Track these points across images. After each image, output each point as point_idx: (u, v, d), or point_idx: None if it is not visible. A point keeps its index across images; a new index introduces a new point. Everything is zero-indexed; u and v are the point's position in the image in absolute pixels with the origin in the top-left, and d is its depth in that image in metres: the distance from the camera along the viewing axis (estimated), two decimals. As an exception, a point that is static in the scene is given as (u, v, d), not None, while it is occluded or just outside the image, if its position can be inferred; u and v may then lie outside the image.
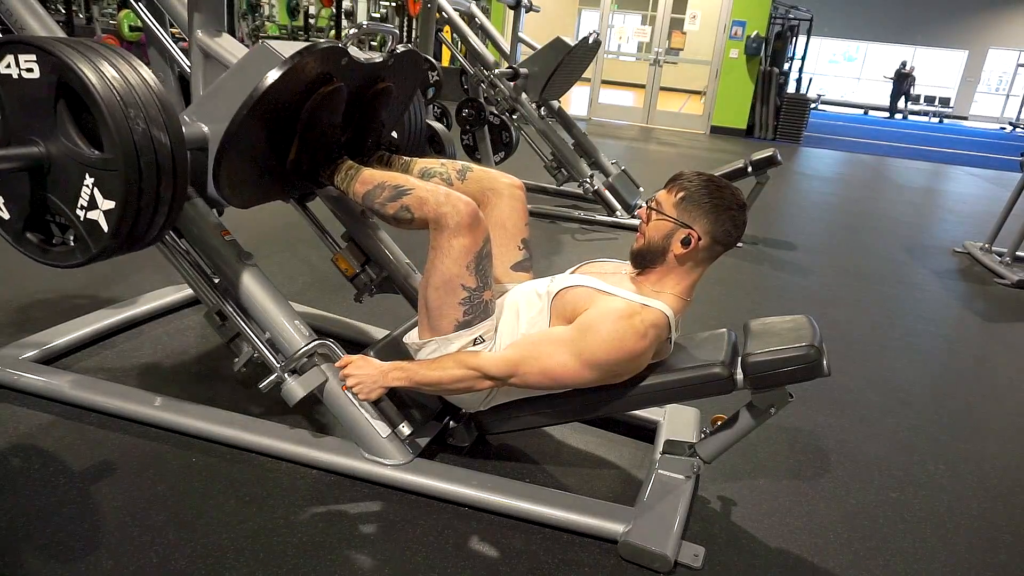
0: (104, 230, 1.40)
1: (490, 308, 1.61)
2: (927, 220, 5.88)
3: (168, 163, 1.40)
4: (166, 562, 1.35)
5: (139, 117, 1.34)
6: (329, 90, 1.63)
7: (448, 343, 1.59)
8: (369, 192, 1.64)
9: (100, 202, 1.38)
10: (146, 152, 1.35)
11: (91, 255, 1.44)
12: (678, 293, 1.53)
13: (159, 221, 1.46)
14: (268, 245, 3.28)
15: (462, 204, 1.52)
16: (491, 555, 1.47)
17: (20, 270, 2.62)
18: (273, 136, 1.65)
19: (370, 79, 1.79)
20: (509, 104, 4.46)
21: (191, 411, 1.77)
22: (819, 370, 1.39)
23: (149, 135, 1.35)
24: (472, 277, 1.55)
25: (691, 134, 9.91)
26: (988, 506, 1.83)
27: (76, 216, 1.41)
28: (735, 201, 1.50)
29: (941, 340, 3.08)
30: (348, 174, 1.70)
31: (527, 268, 1.80)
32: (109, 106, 1.30)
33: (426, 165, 1.83)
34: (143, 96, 1.36)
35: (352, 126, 1.81)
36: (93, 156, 1.35)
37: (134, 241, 1.47)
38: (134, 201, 1.37)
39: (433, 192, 1.55)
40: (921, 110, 18.32)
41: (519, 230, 1.78)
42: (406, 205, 1.56)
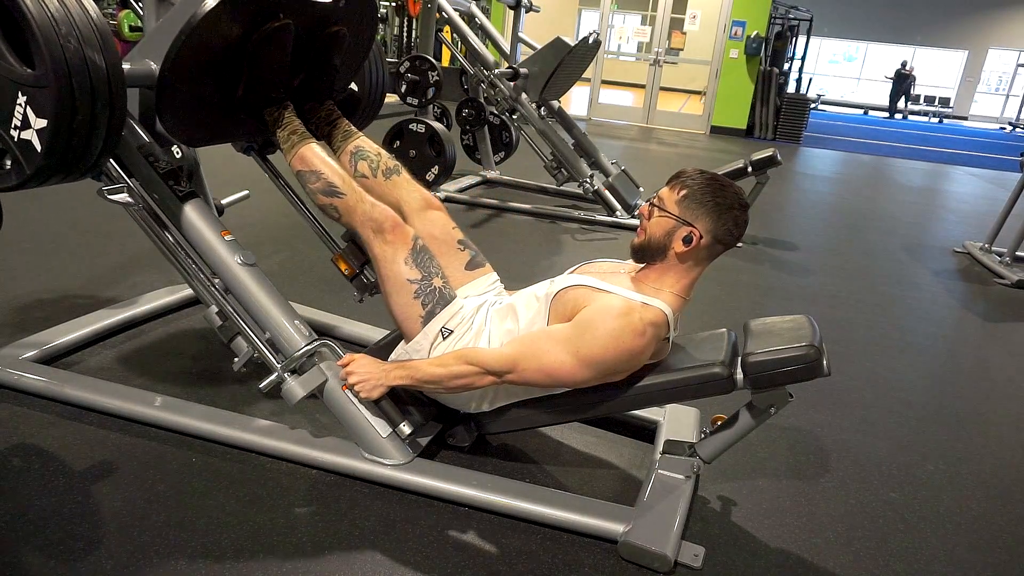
0: (37, 149, 1.39)
1: (445, 294, 1.66)
2: (927, 220, 5.88)
3: (103, 85, 1.39)
4: (166, 562, 1.35)
5: (71, 35, 1.33)
6: (276, 25, 1.64)
7: (425, 339, 1.64)
8: (304, 173, 1.72)
9: (33, 121, 1.37)
10: (79, 72, 1.35)
11: (26, 176, 1.43)
12: (677, 291, 1.53)
13: (95, 144, 1.45)
14: (268, 245, 3.28)
15: (383, 217, 1.66)
16: (491, 555, 1.47)
17: (20, 270, 2.63)
18: (218, 71, 1.65)
19: (321, 21, 1.79)
20: (509, 104, 4.46)
21: (191, 411, 1.77)
22: (819, 370, 1.39)
23: (82, 55, 1.35)
24: (414, 270, 1.65)
25: (691, 134, 9.91)
26: (988, 506, 1.83)
27: (10, 136, 1.40)
28: (738, 200, 1.50)
29: (941, 340, 3.08)
30: (291, 139, 1.74)
31: (481, 263, 1.83)
32: (40, 23, 1.30)
33: (362, 145, 1.87)
34: (77, 17, 1.36)
35: (304, 70, 1.82)
36: (25, 73, 1.35)
37: (70, 164, 1.45)
38: (67, 120, 1.37)
39: (361, 203, 1.67)
40: (921, 110, 18.34)
41: (449, 235, 1.81)
42: (335, 206, 1.69)
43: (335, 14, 1.81)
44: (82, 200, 3.50)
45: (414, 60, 4.27)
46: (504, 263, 3.04)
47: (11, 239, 2.87)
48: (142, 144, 1.68)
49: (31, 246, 2.92)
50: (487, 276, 1.83)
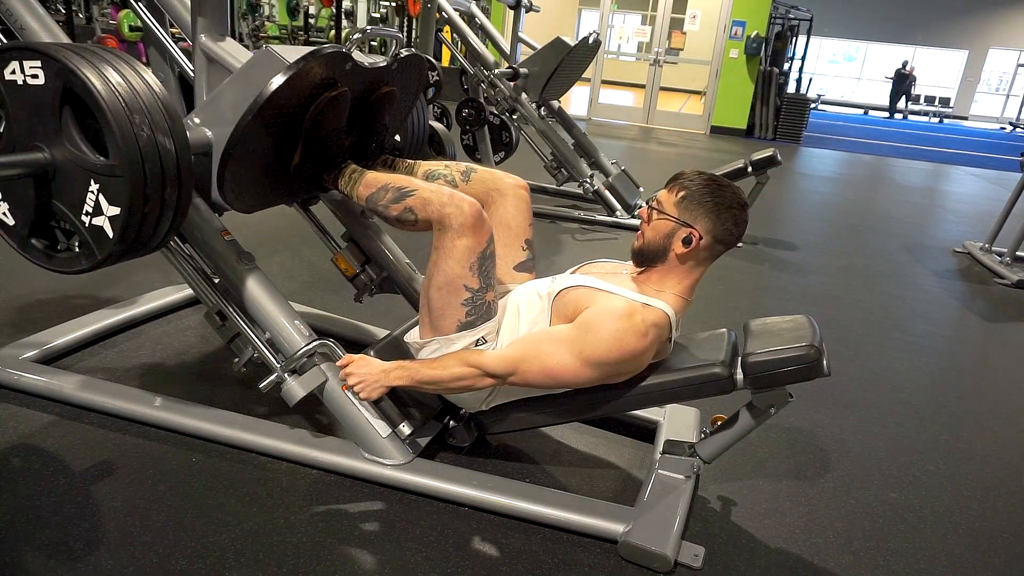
0: (109, 236, 1.40)
1: (492, 309, 1.61)
2: (927, 220, 5.88)
3: (173, 169, 1.40)
4: (166, 562, 1.35)
5: (144, 123, 1.34)
6: (333, 95, 1.63)
7: (451, 343, 1.59)
8: (373, 195, 1.64)
9: (105, 208, 1.38)
10: (151, 158, 1.35)
11: (96, 261, 1.44)
12: (679, 292, 1.53)
13: (164, 226, 1.46)
14: (268, 245, 3.28)
15: (466, 204, 1.52)
16: (491, 555, 1.47)
17: (20, 270, 2.62)
18: (277, 141, 1.65)
19: (374, 83, 1.79)
20: (509, 104, 4.46)
21: (191, 411, 1.77)
22: (819, 370, 1.39)
23: (154, 141, 1.35)
24: (475, 278, 1.55)
25: (691, 134, 9.91)
26: (988, 506, 1.83)
27: (81, 222, 1.41)
28: (736, 200, 1.50)
29: (941, 340, 3.08)
30: (352, 178, 1.70)
31: (530, 269, 1.80)
32: (114, 112, 1.30)
33: (430, 168, 1.83)
34: (148, 102, 1.36)
35: (356, 130, 1.81)
36: (98, 162, 1.35)
37: (139, 246, 1.47)
38: (139, 207, 1.37)
39: (437, 193, 1.55)
40: (921, 110, 18.33)
41: (523, 230, 1.78)
42: (410, 206, 1.57)
43: (387, 74, 1.81)
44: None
45: (414, 60, 4.27)
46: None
47: (11, 239, 2.86)
48: None
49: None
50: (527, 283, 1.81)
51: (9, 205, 1.48)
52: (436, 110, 4.85)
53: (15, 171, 1.38)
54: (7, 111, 1.39)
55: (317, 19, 10.23)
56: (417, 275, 2.11)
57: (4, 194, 1.47)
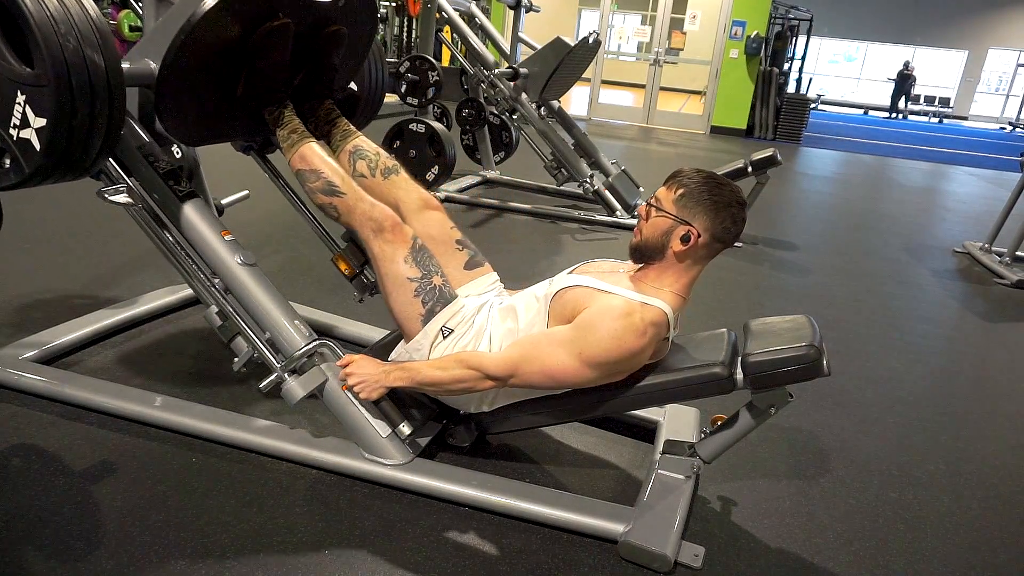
0: (36, 148, 1.39)
1: (446, 293, 1.66)
2: (927, 220, 5.88)
3: (102, 83, 1.39)
4: (166, 562, 1.35)
5: (71, 34, 1.33)
6: (275, 24, 1.64)
7: (425, 337, 1.64)
8: (304, 172, 1.72)
9: (32, 120, 1.37)
10: (78, 70, 1.35)
11: (25, 175, 1.43)
12: (677, 291, 1.53)
13: (95, 144, 1.45)
14: (268, 245, 3.28)
15: (383, 217, 1.66)
16: (491, 555, 1.47)
17: (20, 270, 2.63)
18: (217, 71, 1.65)
19: (321, 20, 1.79)
20: (509, 104, 4.46)
21: (191, 411, 1.77)
22: (819, 370, 1.39)
23: (81, 53, 1.35)
24: (414, 268, 1.65)
25: (691, 134, 9.91)
26: (988, 506, 1.83)
27: (9, 135, 1.40)
28: (735, 198, 1.50)
29: (941, 340, 3.08)
30: (290, 137, 1.74)
31: (480, 262, 1.83)
32: (39, 22, 1.30)
33: (360, 145, 1.87)
34: (77, 16, 1.36)
35: (304, 69, 1.82)
36: (24, 72, 1.35)
37: (69, 163, 1.45)
38: (66, 119, 1.36)
39: (361, 202, 1.67)
40: (921, 110, 18.34)
41: (447, 234, 1.81)
42: (335, 205, 1.69)
43: (334, 13, 1.81)
44: (82, 200, 3.50)
45: (414, 60, 4.27)
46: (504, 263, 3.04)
47: (11, 239, 2.87)
48: (142, 144, 1.68)
49: (31, 246, 2.92)
50: (487, 276, 1.82)
51: None
52: (436, 110, 4.86)
53: None
54: None
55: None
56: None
57: None
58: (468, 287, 1.77)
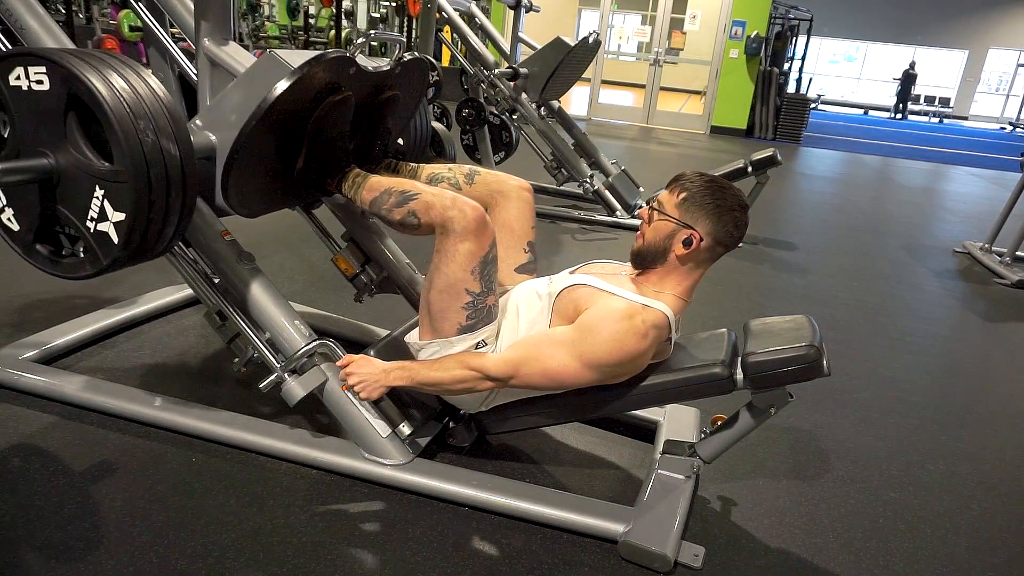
0: (114, 242, 1.40)
1: (493, 313, 1.60)
2: (927, 220, 5.88)
3: (178, 174, 1.40)
4: (166, 562, 1.35)
5: (148, 128, 1.34)
6: (337, 99, 1.63)
7: (450, 346, 1.59)
8: (376, 199, 1.64)
9: (110, 214, 1.38)
10: (156, 163, 1.35)
11: (101, 266, 1.44)
12: (678, 294, 1.53)
13: (168, 232, 1.46)
14: (268, 245, 3.28)
15: (469, 208, 1.51)
16: (491, 555, 1.47)
17: (20, 270, 2.62)
18: (281, 146, 1.64)
19: (377, 87, 1.79)
20: (509, 104, 4.46)
21: (191, 411, 1.77)
22: (819, 370, 1.39)
23: (159, 146, 1.35)
24: (476, 282, 1.54)
25: (691, 134, 9.91)
26: (988, 506, 1.83)
27: (86, 228, 1.41)
28: (737, 202, 1.50)
29: (941, 340, 3.08)
30: (355, 182, 1.70)
31: (531, 271, 1.80)
32: (119, 118, 1.30)
33: (434, 171, 1.83)
34: (152, 107, 1.36)
35: (359, 134, 1.81)
36: (103, 168, 1.36)
37: (144, 251, 1.47)
38: (144, 212, 1.37)
39: (439, 196, 1.54)
40: (921, 110, 18.34)
41: (525, 232, 1.79)
42: (412, 210, 1.56)
43: (390, 79, 1.81)
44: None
45: (414, 60, 4.27)
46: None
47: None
48: None
49: (31, 246, 2.92)
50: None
51: (14, 211, 1.47)
52: (436, 110, 4.85)
53: (20, 177, 1.38)
54: (12, 117, 1.39)
55: (317, 19, 10.24)
56: (418, 276, 2.11)
57: (9, 199, 1.47)
58: (505, 288, 1.73)
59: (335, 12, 8.74)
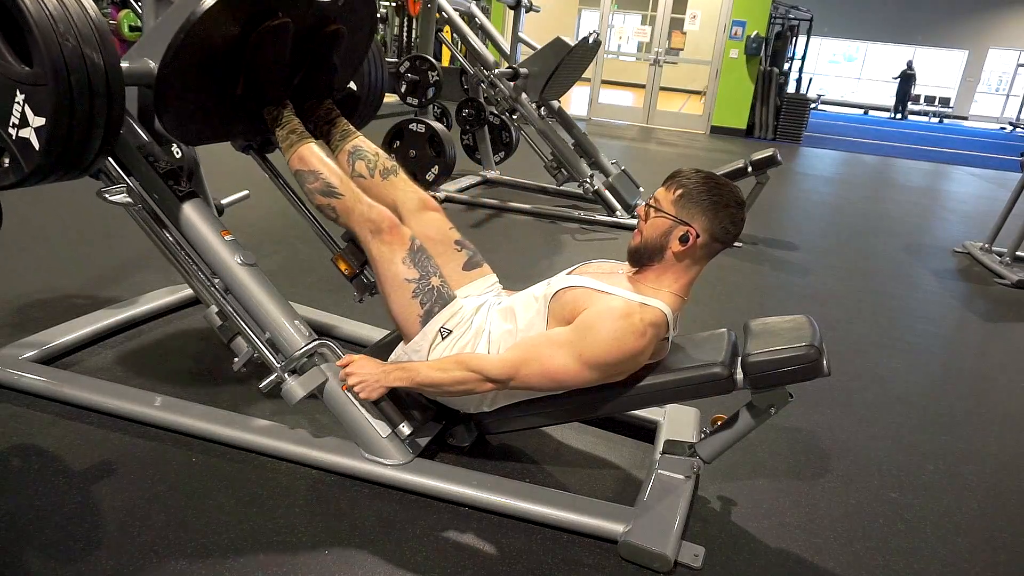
0: (36, 148, 1.39)
1: (444, 293, 1.66)
2: (927, 220, 5.88)
3: (101, 82, 1.39)
4: (166, 562, 1.35)
5: (69, 33, 1.33)
6: (274, 24, 1.64)
7: (424, 338, 1.64)
8: (303, 172, 1.72)
9: (31, 119, 1.37)
10: (77, 69, 1.35)
11: (24, 174, 1.43)
12: (676, 291, 1.53)
13: (94, 144, 1.45)
14: (268, 245, 3.28)
15: (382, 218, 1.66)
16: (491, 555, 1.47)
17: (20, 270, 2.63)
18: (217, 69, 1.65)
19: (320, 19, 1.79)
20: (509, 104, 4.46)
21: (191, 411, 1.77)
22: (819, 370, 1.39)
23: (80, 52, 1.35)
24: (412, 269, 1.64)
25: (691, 134, 9.91)
26: (988, 506, 1.83)
27: (8, 135, 1.40)
28: (734, 198, 1.50)
29: (941, 340, 3.08)
30: (289, 137, 1.74)
31: (479, 263, 1.82)
32: (38, 20, 1.30)
33: (360, 145, 1.87)
34: (76, 15, 1.36)
35: (303, 68, 1.82)
36: (23, 71, 1.35)
37: (68, 163, 1.45)
38: (65, 118, 1.36)
39: (358, 203, 1.67)
40: (921, 110, 18.35)
41: (446, 235, 1.81)
42: (333, 206, 1.69)
43: (334, 12, 1.81)
44: (82, 200, 3.50)
45: (414, 60, 4.27)
46: (504, 263, 3.04)
47: (11, 239, 2.87)
48: (141, 144, 1.68)
49: (31, 246, 2.92)
50: (486, 277, 1.82)
51: None
52: (436, 110, 4.86)
53: None
54: None
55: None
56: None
57: None
58: (467, 288, 1.77)
59: None
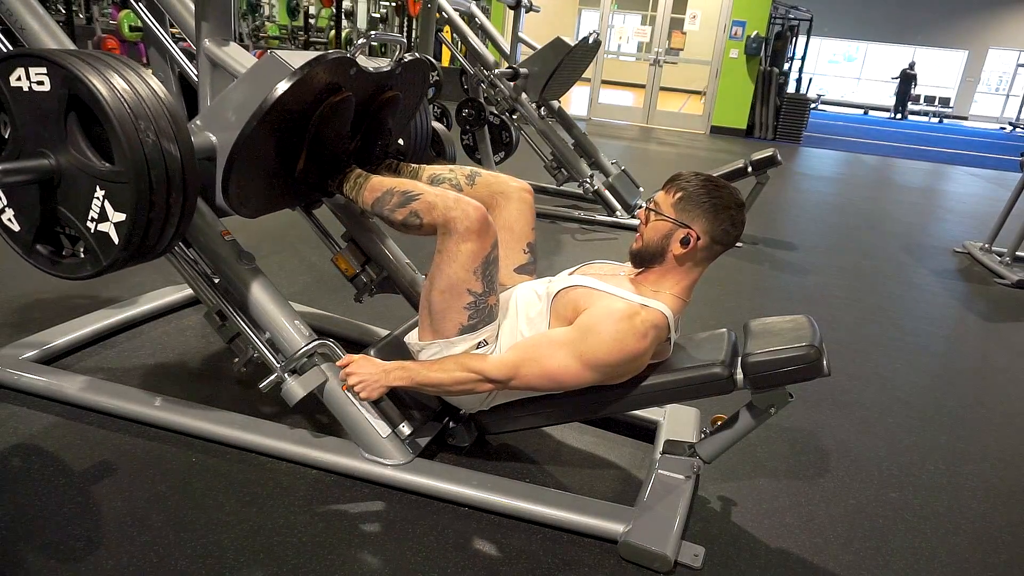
0: (115, 242, 1.40)
1: (494, 313, 1.60)
2: (927, 220, 5.88)
3: (178, 175, 1.40)
4: (166, 562, 1.35)
5: (149, 129, 1.34)
6: (338, 100, 1.63)
7: (451, 346, 1.59)
8: (378, 199, 1.64)
9: (111, 214, 1.38)
10: (156, 164, 1.35)
11: (102, 267, 1.44)
12: (677, 293, 1.53)
13: (169, 232, 1.47)
14: (268, 245, 3.28)
15: (471, 209, 1.51)
16: (491, 555, 1.47)
17: (20, 270, 2.62)
18: (281, 146, 1.65)
19: (378, 88, 1.79)
20: (509, 104, 4.46)
21: (191, 411, 1.77)
22: (819, 370, 1.39)
23: (159, 147, 1.36)
24: (479, 282, 1.54)
25: (691, 134, 9.91)
26: (988, 506, 1.83)
27: (86, 228, 1.41)
28: (733, 200, 1.50)
29: (941, 340, 3.08)
30: (357, 183, 1.70)
31: (531, 272, 1.80)
32: (119, 118, 1.31)
33: (435, 172, 1.83)
34: (153, 108, 1.36)
35: (360, 134, 1.82)
36: (104, 168, 1.36)
37: (144, 252, 1.47)
38: (144, 213, 1.38)
39: (442, 197, 1.54)
40: (921, 110, 18.34)
41: (525, 234, 1.79)
42: (415, 210, 1.56)
43: (390, 79, 1.81)
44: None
45: (414, 60, 4.27)
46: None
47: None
48: None
49: (31, 246, 2.92)
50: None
51: (15, 211, 1.48)
52: (436, 110, 4.85)
53: (21, 177, 1.38)
54: (13, 118, 1.39)
55: (317, 19, 10.24)
56: (418, 276, 2.11)
57: (10, 200, 1.47)
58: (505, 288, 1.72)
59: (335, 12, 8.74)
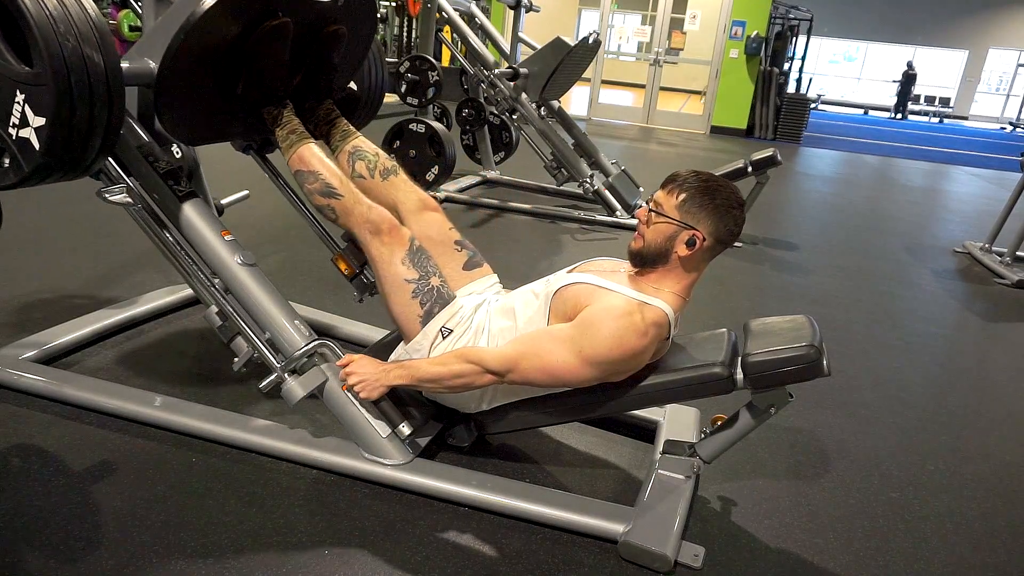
0: (36, 147, 1.39)
1: (444, 294, 1.67)
2: (927, 220, 5.88)
3: (101, 83, 1.39)
4: (166, 562, 1.35)
5: (69, 33, 1.33)
6: (274, 24, 1.64)
7: (425, 339, 1.64)
8: (302, 173, 1.72)
9: (31, 119, 1.37)
10: (76, 68, 1.35)
11: (24, 174, 1.43)
12: (677, 292, 1.53)
13: (94, 144, 1.45)
14: (268, 245, 3.28)
15: (377, 216, 1.67)
16: (491, 555, 1.47)
17: (20, 270, 2.63)
18: (217, 69, 1.65)
19: (320, 20, 1.79)
20: (509, 104, 4.46)
21: (191, 411, 1.77)
22: (819, 370, 1.39)
23: (80, 52, 1.35)
24: (411, 269, 1.65)
25: (691, 134, 9.91)
26: (988, 506, 1.83)
27: (8, 134, 1.40)
28: (736, 200, 1.50)
29: (941, 340, 3.08)
30: (289, 138, 1.75)
31: (479, 263, 1.83)
32: (39, 22, 1.30)
33: (360, 145, 1.87)
34: (76, 15, 1.36)
35: (303, 69, 1.82)
36: (23, 71, 1.35)
37: (68, 163, 1.45)
38: (65, 118, 1.37)
39: (358, 205, 1.67)
40: (921, 110, 18.35)
41: (446, 235, 1.81)
42: (332, 207, 1.69)
43: (334, 12, 1.81)
44: (82, 200, 3.50)
45: (414, 60, 4.27)
46: (504, 263, 3.04)
47: (11, 239, 2.87)
48: (141, 144, 1.68)
49: (31, 246, 2.92)
50: (486, 277, 1.82)
51: None
52: (436, 110, 4.85)
53: None
54: None
55: None
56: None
57: None
58: (468, 287, 1.77)
59: None
